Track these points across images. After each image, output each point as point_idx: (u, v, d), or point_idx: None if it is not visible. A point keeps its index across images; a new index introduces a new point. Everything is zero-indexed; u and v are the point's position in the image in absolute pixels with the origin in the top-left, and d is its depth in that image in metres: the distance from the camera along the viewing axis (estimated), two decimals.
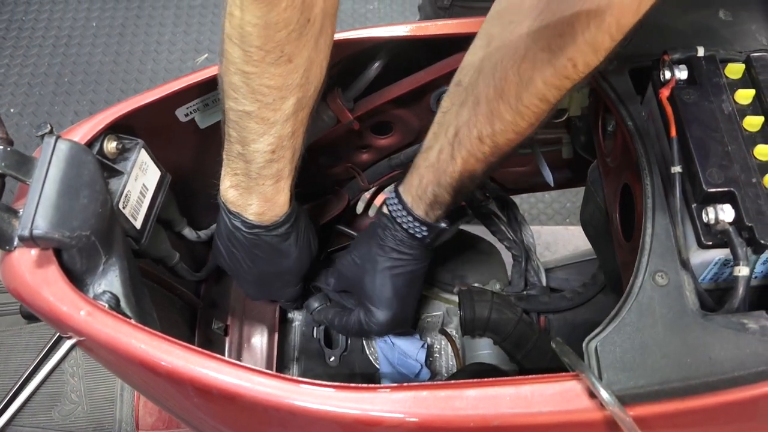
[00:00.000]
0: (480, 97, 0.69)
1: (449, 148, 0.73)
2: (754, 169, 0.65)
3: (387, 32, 0.83)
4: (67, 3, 2.49)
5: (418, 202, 0.79)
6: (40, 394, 1.11)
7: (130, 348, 0.62)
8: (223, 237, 0.82)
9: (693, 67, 0.72)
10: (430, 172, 0.76)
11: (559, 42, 0.62)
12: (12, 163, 0.65)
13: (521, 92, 0.66)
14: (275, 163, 0.73)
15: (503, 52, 0.67)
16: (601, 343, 0.60)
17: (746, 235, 0.62)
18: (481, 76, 0.69)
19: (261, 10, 0.61)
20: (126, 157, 0.76)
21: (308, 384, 0.60)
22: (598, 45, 0.61)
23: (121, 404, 1.10)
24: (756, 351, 0.58)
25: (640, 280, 0.63)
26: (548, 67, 0.64)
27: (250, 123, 0.70)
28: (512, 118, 0.68)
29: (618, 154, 0.81)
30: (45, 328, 1.21)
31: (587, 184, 0.95)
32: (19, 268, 0.64)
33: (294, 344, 1.02)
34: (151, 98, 0.78)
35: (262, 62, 0.65)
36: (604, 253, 0.95)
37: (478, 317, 0.93)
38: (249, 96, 0.67)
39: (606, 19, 0.59)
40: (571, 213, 2.04)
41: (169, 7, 2.50)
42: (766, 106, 0.69)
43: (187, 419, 0.80)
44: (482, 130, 0.70)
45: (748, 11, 0.78)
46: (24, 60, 2.34)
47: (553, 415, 0.59)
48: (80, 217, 0.65)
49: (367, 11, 2.47)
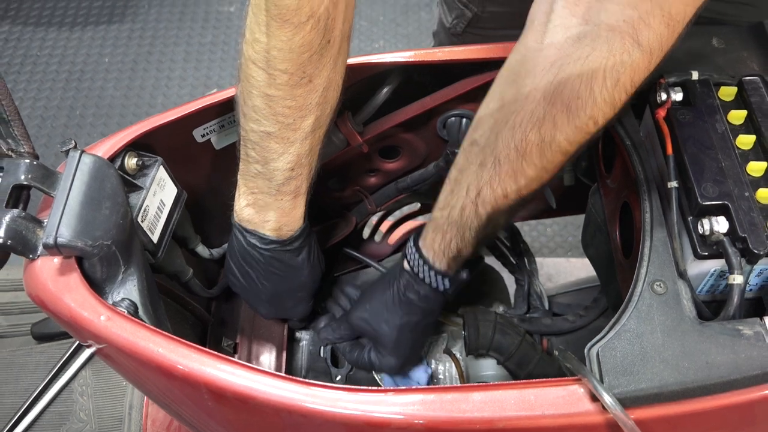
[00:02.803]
0: (501, 157, 0.70)
1: (472, 206, 0.74)
2: (747, 184, 0.68)
3: (396, 58, 0.86)
4: (81, 40, 2.55)
5: (441, 258, 0.79)
6: (50, 413, 1.13)
7: (147, 352, 0.64)
8: (237, 257, 0.84)
9: (688, 90, 0.75)
10: (453, 228, 0.76)
11: (578, 103, 0.64)
12: (38, 176, 0.68)
13: (544, 150, 0.67)
14: (294, 180, 0.76)
15: (521, 115, 0.68)
16: (602, 348, 0.62)
17: (740, 245, 0.64)
18: (500, 138, 0.70)
19: (287, 35, 0.64)
20: (145, 174, 0.79)
21: (319, 387, 0.62)
22: (616, 102, 0.64)
23: (129, 423, 1.11)
24: (751, 356, 0.60)
25: (640, 288, 0.65)
26: (569, 127, 0.66)
27: (270, 143, 0.72)
28: (536, 174, 0.69)
29: (618, 175, 0.84)
30: (55, 349, 1.23)
31: (588, 207, 0.98)
32: (42, 275, 0.67)
33: (301, 363, 1.04)
34: (170, 118, 0.81)
35: (286, 85, 0.68)
36: (606, 274, 0.97)
37: (482, 337, 0.94)
38: (271, 117, 0.70)
39: (621, 79, 0.63)
40: (572, 246, 2.06)
41: (180, 44, 2.55)
42: (758, 126, 0.72)
43: (198, 426, 0.82)
44: (507, 187, 0.71)
45: (740, 40, 0.81)
46: (38, 93, 2.38)
47: (556, 418, 0.61)
48: (102, 227, 0.67)
49: (373, 49, 2.53)
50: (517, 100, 0.69)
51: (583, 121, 0.65)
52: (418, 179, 1.04)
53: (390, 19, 2.63)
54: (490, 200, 0.72)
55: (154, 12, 2.66)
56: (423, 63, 0.86)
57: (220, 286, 0.99)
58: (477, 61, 0.86)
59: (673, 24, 0.61)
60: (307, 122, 0.72)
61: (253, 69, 0.68)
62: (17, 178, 0.66)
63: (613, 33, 0.62)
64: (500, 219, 0.74)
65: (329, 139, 0.91)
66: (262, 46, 0.66)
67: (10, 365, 1.20)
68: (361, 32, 2.59)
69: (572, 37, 0.65)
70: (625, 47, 0.62)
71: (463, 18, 1.15)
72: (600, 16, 0.62)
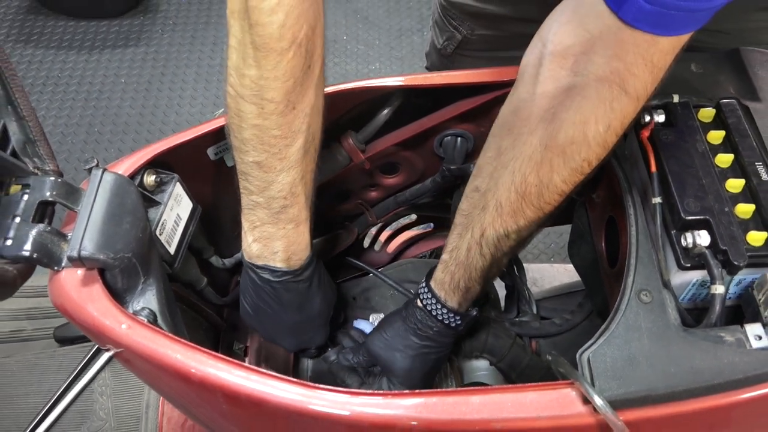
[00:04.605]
0: (502, 200, 0.70)
1: (477, 247, 0.74)
2: (726, 199, 0.67)
3: (396, 82, 0.85)
4: (99, 62, 2.53)
5: (452, 296, 0.78)
6: (71, 412, 1.10)
7: (166, 358, 0.62)
8: (251, 295, 0.81)
9: (669, 112, 0.74)
10: (461, 269, 0.76)
11: (573, 147, 0.64)
12: (62, 193, 0.66)
13: (542, 192, 0.67)
14: (290, 208, 0.73)
15: (519, 161, 0.68)
16: (593, 354, 0.61)
17: (721, 257, 0.64)
18: (500, 182, 0.70)
19: (272, 63, 0.62)
20: (163, 190, 0.77)
21: (326, 390, 0.60)
22: (608, 144, 0.64)
23: (146, 421, 1.10)
24: (733, 361, 0.60)
25: (627, 298, 0.64)
26: (566, 169, 0.66)
27: (260, 172, 0.70)
28: (535, 214, 0.69)
29: (603, 191, 0.83)
30: (76, 351, 1.21)
31: (574, 219, 0.97)
32: (66, 286, 0.66)
33: (307, 365, 1.02)
34: (186, 138, 0.80)
35: (273, 113, 0.66)
36: (591, 281, 0.96)
37: (476, 340, 0.94)
38: (259, 147, 0.68)
39: (612, 124, 0.62)
40: (554, 252, 2.05)
41: (191, 66, 2.54)
42: (735, 146, 0.71)
43: (213, 427, 0.80)
44: (508, 228, 0.71)
45: (716, 65, 0.81)
46: (59, 112, 2.37)
47: (550, 419, 0.60)
48: (123, 240, 0.66)
49: (369, 71, 2.52)
50: (515, 147, 0.69)
51: (577, 163, 0.65)
52: (415, 193, 1.04)
53: (385, 43, 2.63)
54: (493, 240, 0.72)
55: (167, 36, 2.65)
56: (421, 87, 0.86)
57: (233, 295, 0.98)
58: (470, 85, 0.86)
59: (656, 71, 0.60)
60: (293, 149, 0.69)
61: (243, 104, 0.66)
62: (43, 195, 0.64)
63: (601, 83, 0.61)
64: (503, 259, 0.74)
65: (334, 156, 0.91)
66: (251, 79, 0.64)
67: (34, 367, 1.19)
68: (358, 55, 2.59)
69: (562, 88, 0.65)
70: (613, 95, 0.61)
71: (453, 40, 1.15)
72: (588, 68, 0.62)
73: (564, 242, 2.05)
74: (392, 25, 2.70)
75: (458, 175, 0.96)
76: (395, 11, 2.76)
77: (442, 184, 1.00)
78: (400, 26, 2.69)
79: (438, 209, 1.14)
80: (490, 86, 0.85)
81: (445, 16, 1.13)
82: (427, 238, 1.29)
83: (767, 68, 0.79)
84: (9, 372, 1.18)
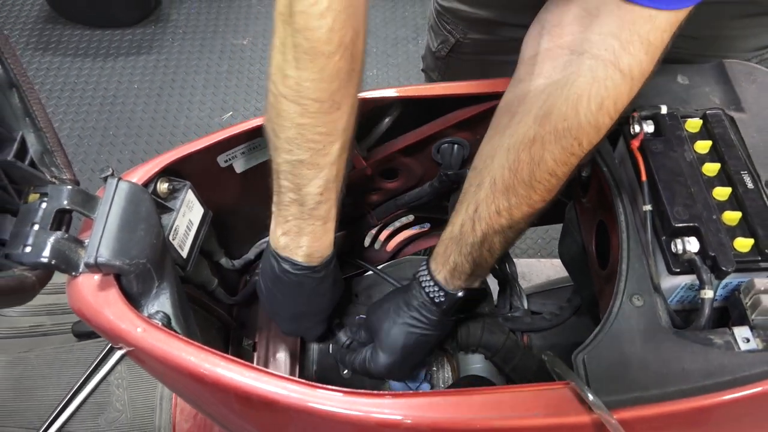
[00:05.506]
0: (496, 177, 0.68)
1: (470, 222, 0.71)
2: (714, 207, 0.66)
3: (397, 93, 0.84)
4: (113, 69, 2.50)
5: (441, 269, 0.76)
6: (89, 403, 1.08)
7: (180, 360, 0.61)
8: (268, 280, 0.79)
9: (658, 122, 0.72)
10: (453, 243, 0.74)
11: (565, 125, 0.62)
12: (79, 201, 0.64)
13: (534, 169, 0.65)
14: (323, 204, 0.71)
15: (515, 138, 0.66)
16: (588, 355, 0.60)
17: (709, 263, 0.62)
18: (496, 160, 0.68)
19: (319, 65, 0.60)
20: (175, 197, 0.75)
21: (333, 391, 0.59)
22: (600, 125, 0.62)
23: (160, 412, 1.08)
24: (722, 363, 0.58)
25: (619, 301, 0.63)
26: (556, 147, 0.63)
27: (303, 170, 0.67)
28: (526, 192, 0.67)
29: (593, 197, 0.82)
30: (93, 346, 1.19)
31: (565, 221, 0.96)
32: (83, 291, 0.64)
33: (313, 358, 1.00)
34: (196, 147, 0.78)
35: (317, 112, 0.63)
36: (580, 279, 0.95)
37: (472, 335, 0.92)
38: (303, 145, 0.65)
39: (605, 103, 0.60)
40: (541, 248, 2.04)
41: (200, 72, 2.52)
42: (722, 155, 0.69)
43: (223, 422, 0.79)
44: (499, 204, 0.68)
45: (702, 77, 0.79)
46: (75, 116, 2.34)
47: (547, 418, 0.58)
48: (138, 247, 0.64)
49: (366, 77, 2.50)
50: (511, 125, 0.67)
51: (568, 141, 0.63)
52: (414, 197, 1.02)
53: (381, 50, 2.61)
54: (485, 216, 0.70)
55: (177, 45, 2.63)
56: (420, 97, 0.84)
57: (243, 294, 0.96)
58: (467, 96, 0.84)
59: (651, 50, 0.58)
60: (335, 147, 0.67)
61: (285, 103, 0.63)
62: (60, 203, 0.63)
63: (596, 61, 0.59)
64: (494, 239, 0.71)
65: None
66: (293, 80, 0.61)
67: (54, 361, 1.17)
68: None
69: (558, 66, 0.62)
70: (607, 73, 0.59)
71: (447, 43, 1.13)
72: (583, 46, 0.60)
73: (550, 238, 2.04)
74: (388, 34, 2.68)
75: (455, 180, 0.95)
76: (391, 21, 2.74)
77: (440, 188, 0.98)
78: (396, 35, 2.67)
79: (435, 210, 1.12)
80: (485, 97, 0.84)
81: (440, 20, 1.12)
82: (424, 236, 1.27)
83: (750, 80, 0.77)
84: (30, 365, 1.16)
